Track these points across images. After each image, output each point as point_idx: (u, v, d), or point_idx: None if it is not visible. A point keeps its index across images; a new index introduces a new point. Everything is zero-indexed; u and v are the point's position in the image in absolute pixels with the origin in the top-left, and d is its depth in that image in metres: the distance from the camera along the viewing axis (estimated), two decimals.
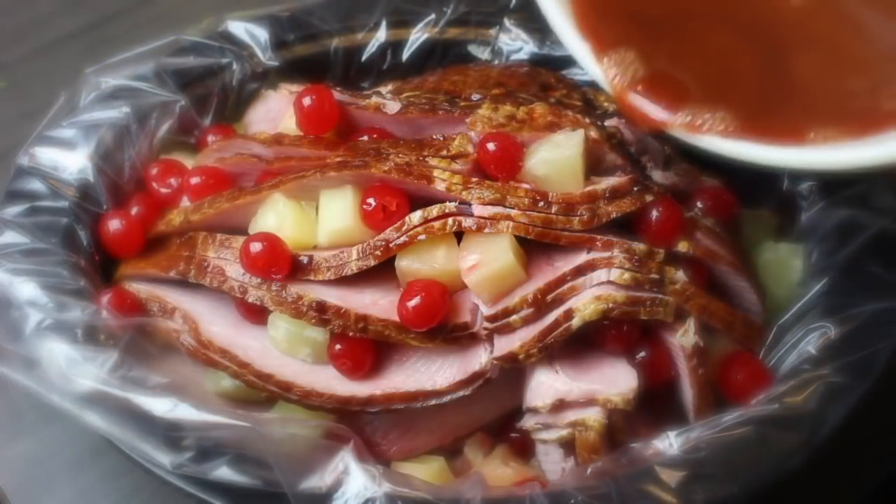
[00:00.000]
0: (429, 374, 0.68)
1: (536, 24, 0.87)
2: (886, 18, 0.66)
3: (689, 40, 0.68)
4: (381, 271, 0.68)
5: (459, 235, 0.68)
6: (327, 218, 0.70)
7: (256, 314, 0.70)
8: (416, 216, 0.67)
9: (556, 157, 0.68)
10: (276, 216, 0.70)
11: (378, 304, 0.68)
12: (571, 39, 0.68)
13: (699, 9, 0.69)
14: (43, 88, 0.87)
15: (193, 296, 0.73)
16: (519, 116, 0.71)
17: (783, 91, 0.65)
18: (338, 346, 0.67)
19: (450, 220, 0.66)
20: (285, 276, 0.68)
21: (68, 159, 0.77)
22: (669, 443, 0.61)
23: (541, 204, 0.66)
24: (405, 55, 0.90)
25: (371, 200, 0.68)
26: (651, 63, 0.67)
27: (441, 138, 0.71)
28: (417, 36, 0.90)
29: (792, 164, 0.63)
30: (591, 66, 0.69)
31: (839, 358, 0.65)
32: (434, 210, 0.67)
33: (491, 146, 0.68)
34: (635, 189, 0.68)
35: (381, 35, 0.90)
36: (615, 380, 0.65)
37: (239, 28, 0.87)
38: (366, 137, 0.74)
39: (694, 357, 0.66)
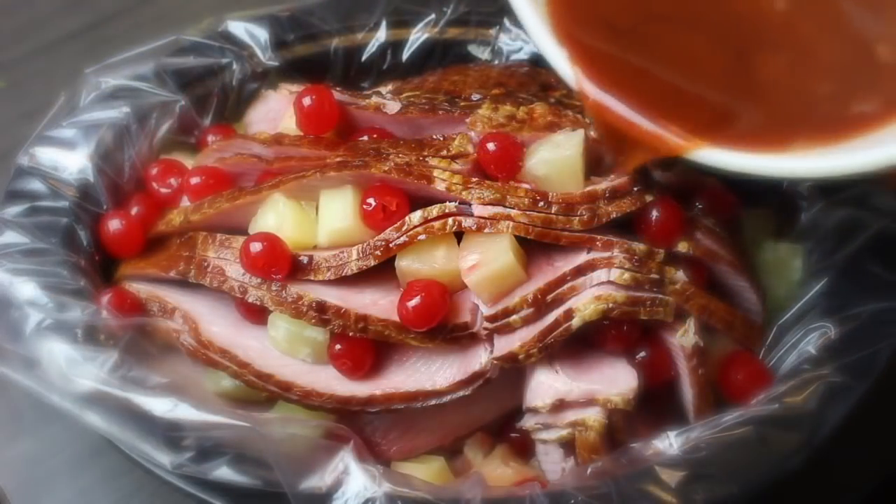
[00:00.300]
0: (429, 374, 0.68)
1: None
2: (865, 20, 0.65)
3: (662, 44, 0.66)
4: (381, 271, 0.68)
5: (459, 235, 0.68)
6: (327, 218, 0.70)
7: (256, 314, 0.70)
8: (416, 216, 0.67)
9: (556, 157, 0.68)
10: (276, 216, 0.70)
11: (378, 304, 0.68)
12: (546, 44, 0.66)
13: (674, 12, 0.67)
14: (43, 88, 0.87)
15: (193, 296, 0.73)
16: (519, 116, 0.71)
17: (750, 95, 0.64)
18: (338, 346, 0.67)
19: (450, 220, 0.66)
20: (285, 276, 0.68)
21: (68, 159, 0.77)
22: (669, 443, 0.61)
23: (541, 204, 0.66)
24: (405, 55, 0.90)
25: (371, 200, 0.68)
26: (625, 66, 0.66)
27: (441, 138, 0.71)
28: (417, 36, 0.90)
29: (764, 171, 0.61)
30: (565, 70, 0.66)
31: (839, 358, 0.65)
32: (434, 210, 0.67)
33: (491, 146, 0.68)
34: (635, 189, 0.68)
35: (381, 35, 0.90)
36: (615, 380, 0.65)
37: (239, 28, 0.87)
38: (366, 137, 0.74)
39: (694, 357, 0.66)
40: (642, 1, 0.69)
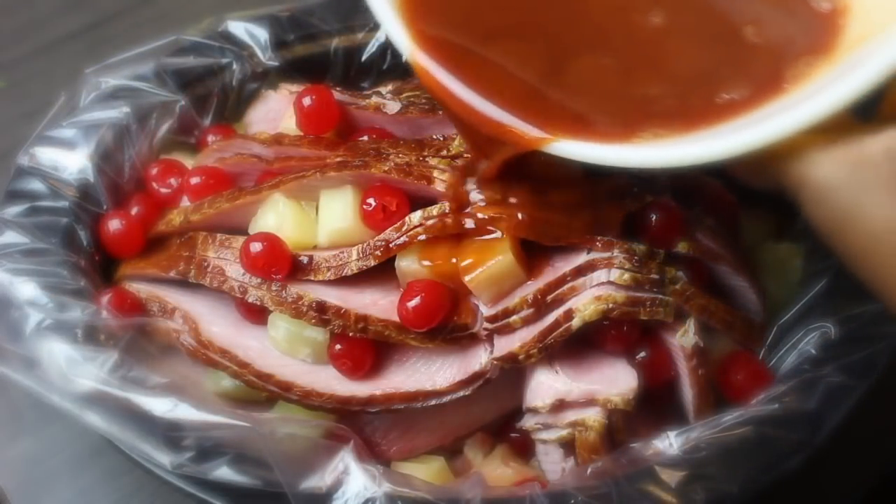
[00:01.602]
0: (429, 374, 0.68)
1: None
2: (735, 7, 0.63)
3: (498, 41, 0.63)
4: (381, 271, 0.68)
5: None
6: (327, 218, 0.70)
7: (256, 314, 0.70)
8: (416, 216, 0.67)
9: None
10: (276, 216, 0.70)
11: (378, 304, 0.68)
12: (393, 27, 0.62)
13: (520, 19, 0.64)
14: (43, 88, 0.87)
15: (193, 296, 0.73)
16: None
17: (567, 91, 0.60)
18: (338, 346, 0.67)
19: (450, 220, 0.66)
20: (285, 276, 0.68)
21: (68, 159, 0.77)
22: (669, 443, 0.61)
23: None
24: None
25: (371, 200, 0.68)
26: (460, 47, 0.62)
27: (441, 138, 0.71)
28: None
29: (610, 161, 0.57)
30: (399, 37, 0.61)
31: (839, 358, 0.65)
32: (434, 210, 0.67)
33: None
34: (635, 189, 0.68)
35: (382, 35, 0.89)
36: (615, 380, 0.65)
37: (239, 28, 0.87)
38: (366, 137, 0.74)
39: (694, 357, 0.66)
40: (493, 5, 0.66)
